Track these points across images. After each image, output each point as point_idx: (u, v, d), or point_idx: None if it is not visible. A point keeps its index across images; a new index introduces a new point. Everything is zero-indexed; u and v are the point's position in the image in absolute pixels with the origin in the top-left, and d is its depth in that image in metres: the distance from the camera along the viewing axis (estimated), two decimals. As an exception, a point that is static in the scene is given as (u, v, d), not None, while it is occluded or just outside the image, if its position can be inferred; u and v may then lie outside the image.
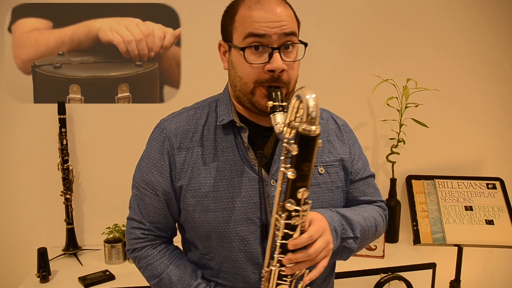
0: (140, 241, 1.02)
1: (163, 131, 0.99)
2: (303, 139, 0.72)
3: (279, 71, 0.88)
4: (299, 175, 0.74)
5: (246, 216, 0.94)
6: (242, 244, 0.94)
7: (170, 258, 1.01)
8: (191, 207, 0.96)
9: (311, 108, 0.70)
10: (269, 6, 0.88)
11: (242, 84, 0.92)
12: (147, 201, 1.00)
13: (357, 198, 1.08)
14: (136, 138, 1.91)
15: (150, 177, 0.99)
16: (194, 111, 1.02)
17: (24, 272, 1.85)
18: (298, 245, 0.79)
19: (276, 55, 0.87)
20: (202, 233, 0.97)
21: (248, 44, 0.88)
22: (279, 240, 0.79)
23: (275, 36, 0.87)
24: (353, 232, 0.96)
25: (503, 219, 1.97)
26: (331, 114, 1.13)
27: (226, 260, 0.97)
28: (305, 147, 0.73)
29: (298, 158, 0.73)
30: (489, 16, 2.20)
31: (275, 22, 0.87)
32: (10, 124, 1.85)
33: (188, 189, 0.95)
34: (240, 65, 0.91)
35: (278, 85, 0.89)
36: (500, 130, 2.32)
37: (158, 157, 0.98)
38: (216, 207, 0.94)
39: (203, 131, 0.98)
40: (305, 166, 0.74)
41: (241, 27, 0.89)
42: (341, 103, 2.11)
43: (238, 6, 0.91)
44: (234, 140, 0.97)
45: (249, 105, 0.95)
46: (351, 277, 1.74)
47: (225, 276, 0.98)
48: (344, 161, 1.04)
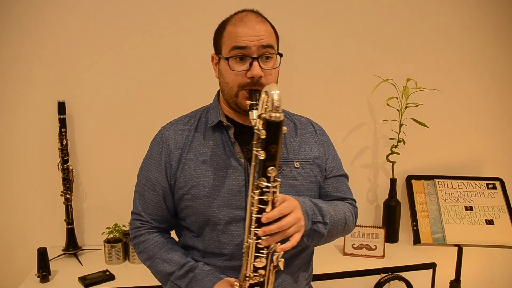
0: (138, 229, 1.18)
1: (162, 136, 1.17)
2: (269, 124, 0.86)
3: (258, 77, 1.04)
4: (268, 156, 0.87)
5: (229, 202, 1.09)
6: (225, 227, 1.09)
7: (164, 242, 1.16)
8: (183, 196, 1.12)
9: (275, 100, 0.84)
10: (250, 23, 1.05)
11: (228, 89, 1.10)
12: (146, 196, 1.17)
13: (330, 193, 1.22)
14: (136, 138, 1.92)
15: (150, 175, 1.16)
16: (188, 118, 1.21)
17: (24, 272, 1.85)
18: (270, 218, 0.91)
19: (255, 63, 1.04)
20: (193, 219, 1.12)
21: (233, 55, 1.05)
22: (254, 215, 0.92)
23: (254, 48, 1.04)
24: (322, 218, 1.09)
25: (503, 219, 1.97)
26: (309, 120, 1.29)
27: (212, 241, 1.11)
28: (272, 131, 0.86)
29: (266, 141, 0.87)
30: (490, 15, 2.20)
31: (254, 36, 1.04)
32: (10, 124, 1.85)
33: (181, 180, 1.12)
34: (226, 72, 1.08)
35: (258, 89, 1.05)
36: (500, 130, 2.32)
37: (157, 157, 1.16)
38: (203, 195, 1.09)
39: (195, 133, 1.15)
40: (272, 148, 0.87)
41: (228, 41, 1.07)
42: (341, 103, 2.11)
43: (226, 24, 1.10)
44: (221, 138, 1.13)
45: (234, 106, 1.12)
46: (351, 277, 1.75)
47: (209, 256, 1.13)
48: (318, 159, 1.20)
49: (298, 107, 1.53)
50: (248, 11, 1.10)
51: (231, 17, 1.10)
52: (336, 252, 1.95)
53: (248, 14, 1.08)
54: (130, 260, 1.82)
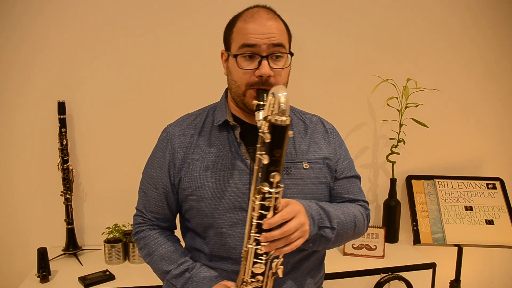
0: (140, 225, 1.17)
1: (168, 133, 1.15)
2: (275, 128, 0.82)
3: (266, 76, 1.00)
4: (271, 160, 0.84)
5: (234, 205, 1.05)
6: (231, 230, 1.06)
7: (164, 239, 1.14)
8: (188, 197, 1.09)
9: (282, 103, 0.81)
10: (261, 20, 1.01)
11: (236, 87, 1.06)
12: (149, 193, 1.15)
13: (341, 195, 1.17)
14: (136, 138, 1.92)
15: (153, 173, 1.14)
16: (194, 116, 1.17)
17: (24, 272, 1.85)
18: (272, 224, 0.88)
19: (264, 62, 1.00)
20: (198, 220, 1.10)
21: (242, 52, 1.01)
22: (255, 220, 0.89)
23: (264, 46, 1.00)
24: (330, 223, 1.04)
25: (503, 219, 1.97)
26: (320, 119, 1.24)
27: (217, 244, 1.08)
28: (276, 135, 0.83)
29: (271, 145, 0.83)
30: (490, 16, 2.20)
31: (264, 33, 1.00)
32: (10, 124, 1.85)
33: (185, 181, 1.09)
34: (235, 70, 1.05)
35: (266, 88, 1.00)
36: (500, 130, 2.32)
37: (161, 155, 1.13)
38: (208, 197, 1.06)
39: (201, 132, 1.12)
40: (276, 152, 0.84)
41: (237, 37, 1.03)
42: (341, 103, 2.11)
43: (236, 20, 1.05)
44: (227, 138, 1.10)
45: (241, 105, 1.08)
46: (351, 277, 1.75)
47: (217, 260, 1.09)
48: (329, 159, 1.15)
49: (298, 107, 1.53)
50: (260, 7, 1.05)
51: (242, 13, 1.06)
52: (336, 252, 1.95)
53: (260, 10, 1.04)
54: (130, 260, 1.82)
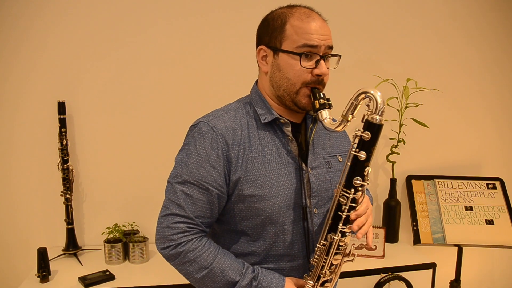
0: (186, 234, 1.03)
1: (213, 129, 1.05)
2: (373, 126, 0.93)
3: (324, 76, 1.06)
4: (368, 157, 0.95)
5: (292, 201, 1.08)
6: (291, 227, 1.08)
7: (215, 248, 1.05)
8: (248, 198, 1.05)
9: (379, 103, 0.91)
10: (319, 21, 1.05)
11: (290, 85, 1.06)
12: (195, 196, 1.03)
13: None
14: (136, 138, 1.92)
15: (203, 172, 1.03)
16: (233, 112, 1.11)
17: (24, 272, 1.85)
18: (359, 214, 1.01)
19: (322, 62, 1.04)
20: (257, 221, 1.07)
21: (303, 51, 1.03)
22: (346, 213, 0.99)
23: (323, 47, 1.04)
24: None
25: (503, 219, 1.97)
26: None
27: (276, 243, 1.08)
28: (374, 133, 0.94)
29: (369, 143, 0.94)
30: (490, 16, 2.20)
31: (324, 35, 1.04)
32: (10, 124, 1.85)
33: (245, 180, 1.05)
34: (289, 68, 1.04)
35: (319, 87, 1.06)
36: (500, 130, 2.32)
37: (211, 153, 1.04)
38: (271, 195, 1.05)
39: (248, 129, 1.09)
40: (372, 149, 0.95)
41: (294, 36, 1.03)
42: (341, 103, 2.10)
43: (286, 17, 1.05)
44: (274, 135, 1.10)
45: (290, 103, 1.08)
46: (351, 277, 1.74)
47: (272, 259, 1.10)
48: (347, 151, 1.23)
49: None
50: (307, 8, 1.08)
51: (290, 11, 1.06)
52: (336, 252, 1.95)
53: (311, 11, 1.07)
54: (130, 260, 1.82)
